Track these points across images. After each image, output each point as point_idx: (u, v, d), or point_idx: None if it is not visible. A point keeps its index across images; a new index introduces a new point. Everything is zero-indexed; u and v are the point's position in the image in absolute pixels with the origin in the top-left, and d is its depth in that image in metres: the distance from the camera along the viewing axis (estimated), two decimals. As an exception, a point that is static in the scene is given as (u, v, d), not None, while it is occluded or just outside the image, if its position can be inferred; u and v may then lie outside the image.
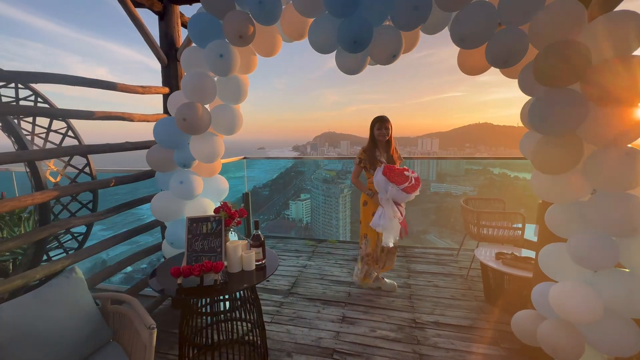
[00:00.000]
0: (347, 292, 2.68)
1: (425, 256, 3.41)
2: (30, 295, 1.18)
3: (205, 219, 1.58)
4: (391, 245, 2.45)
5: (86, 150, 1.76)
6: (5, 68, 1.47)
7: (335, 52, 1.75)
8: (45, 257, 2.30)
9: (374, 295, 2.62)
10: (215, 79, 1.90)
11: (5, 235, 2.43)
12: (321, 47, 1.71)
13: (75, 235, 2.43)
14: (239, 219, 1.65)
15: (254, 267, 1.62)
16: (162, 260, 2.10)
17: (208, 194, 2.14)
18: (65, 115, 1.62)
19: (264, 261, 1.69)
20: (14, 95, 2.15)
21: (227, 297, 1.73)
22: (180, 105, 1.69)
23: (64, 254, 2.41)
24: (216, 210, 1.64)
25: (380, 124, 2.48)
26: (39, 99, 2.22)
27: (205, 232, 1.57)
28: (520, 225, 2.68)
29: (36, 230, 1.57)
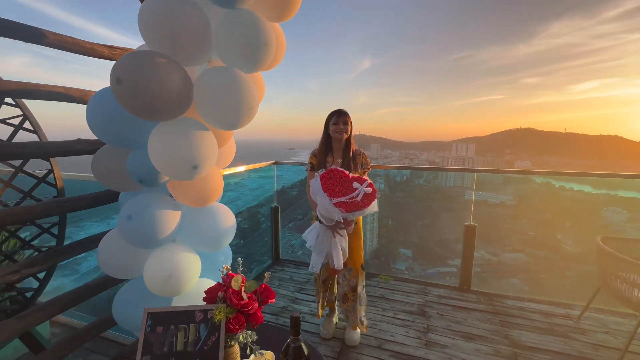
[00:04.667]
0: (423, 380, 1.72)
1: (527, 315, 2.34)
2: None
3: (184, 317, 0.72)
4: (314, 270, 1.81)
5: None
6: (70, 72, 0.71)
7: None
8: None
9: (470, 393, 1.63)
10: (213, 24, 1.01)
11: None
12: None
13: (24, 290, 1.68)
14: (255, 317, 0.76)
15: None
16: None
17: (194, 240, 1.21)
18: None
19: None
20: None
21: None
22: (121, 59, 0.85)
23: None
24: (211, 293, 0.77)
25: (337, 117, 1.91)
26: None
27: (184, 350, 0.70)
28: None
29: None
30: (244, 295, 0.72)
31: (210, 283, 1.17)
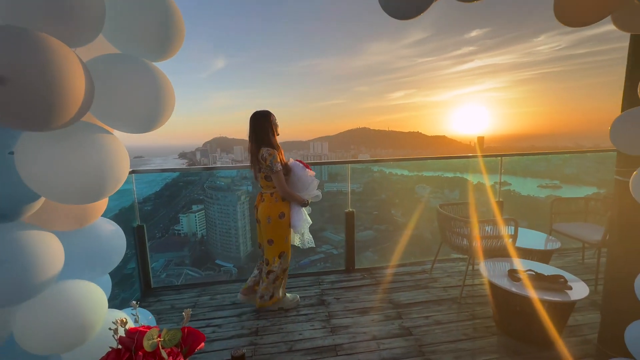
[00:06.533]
0: (337, 366, 1.78)
1: (399, 279, 2.81)
2: None
3: None
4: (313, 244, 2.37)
5: None
6: None
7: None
8: None
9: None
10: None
11: None
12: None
13: None
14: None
15: None
16: None
17: (77, 268, 0.92)
18: None
19: None
20: None
21: None
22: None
23: None
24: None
25: (274, 118, 2.16)
26: None
27: None
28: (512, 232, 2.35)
29: None
30: (164, 353, 0.49)
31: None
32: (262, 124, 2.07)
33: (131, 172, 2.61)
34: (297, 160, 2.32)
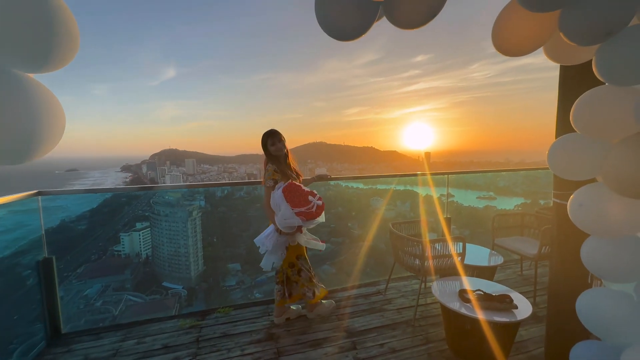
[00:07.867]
0: (285, 417, 1.56)
1: (353, 302, 2.69)
2: None
3: None
4: (269, 269, 2.23)
5: None
6: None
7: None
8: None
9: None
10: None
11: None
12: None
13: None
14: None
15: None
16: None
17: None
18: None
19: None
20: None
21: None
22: None
23: None
24: None
25: (273, 138, 2.25)
26: None
27: None
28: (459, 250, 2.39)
29: None
30: None
31: None
32: (264, 143, 2.26)
33: (37, 194, 2.16)
34: (294, 183, 2.12)
